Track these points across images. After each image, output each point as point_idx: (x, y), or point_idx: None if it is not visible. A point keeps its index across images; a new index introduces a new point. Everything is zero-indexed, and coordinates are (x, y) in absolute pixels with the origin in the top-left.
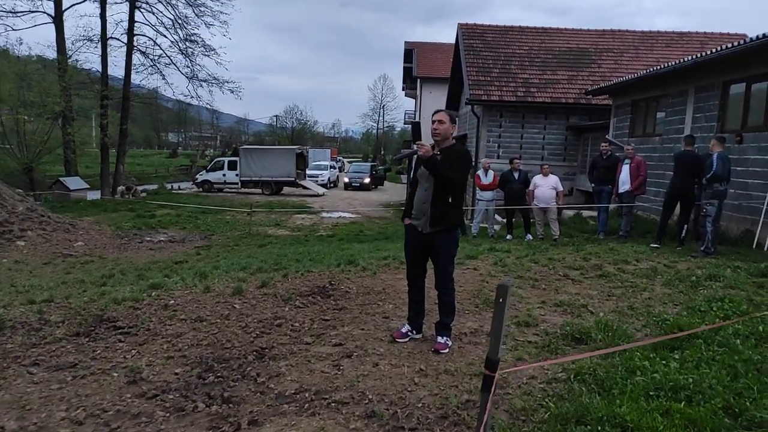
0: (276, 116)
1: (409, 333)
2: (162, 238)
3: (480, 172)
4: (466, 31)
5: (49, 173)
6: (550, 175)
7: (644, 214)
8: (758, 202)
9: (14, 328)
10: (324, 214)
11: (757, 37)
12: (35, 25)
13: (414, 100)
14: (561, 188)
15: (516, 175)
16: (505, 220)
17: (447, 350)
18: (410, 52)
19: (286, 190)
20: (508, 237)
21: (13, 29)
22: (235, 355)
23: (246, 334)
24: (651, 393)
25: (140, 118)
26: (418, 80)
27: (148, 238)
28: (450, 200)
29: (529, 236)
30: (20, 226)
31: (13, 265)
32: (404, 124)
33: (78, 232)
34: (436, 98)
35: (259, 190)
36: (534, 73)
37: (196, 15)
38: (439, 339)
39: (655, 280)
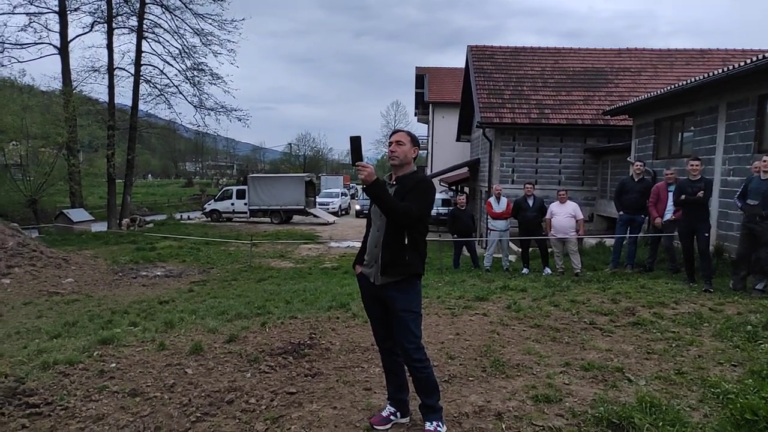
0: (290, 144)
1: (392, 416)
2: (158, 273)
3: (492, 200)
4: (476, 53)
5: (60, 204)
6: (568, 201)
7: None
8: None
9: None
10: (332, 244)
11: None
12: (41, 57)
13: (426, 126)
14: (581, 216)
15: (530, 201)
16: (520, 251)
17: None
18: (422, 77)
19: (295, 218)
20: (525, 270)
21: (19, 61)
22: None
23: (184, 417)
24: None
25: (158, 149)
26: (430, 105)
27: (144, 273)
28: (406, 242)
29: (548, 270)
30: (7, 262)
31: None
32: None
33: (70, 268)
34: (448, 123)
35: (268, 220)
36: (548, 94)
37: (204, 44)
38: (428, 426)
39: (702, 330)
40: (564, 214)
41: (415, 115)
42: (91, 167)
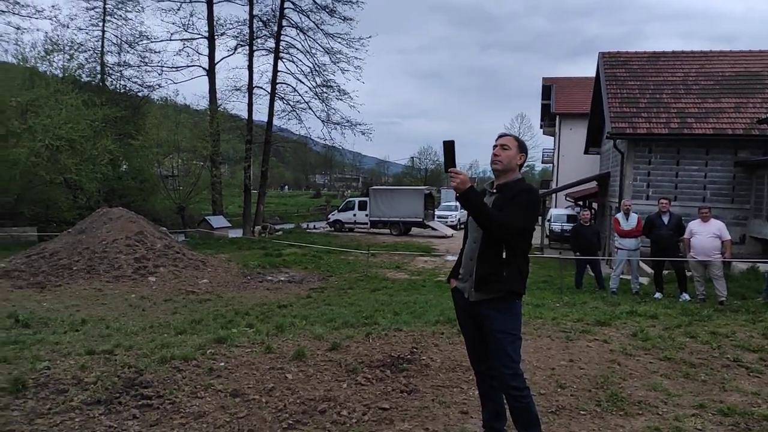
0: (412, 158)
1: None
2: (282, 278)
3: (620, 216)
4: (608, 60)
5: (204, 211)
6: (711, 220)
7: None
8: None
9: (41, 387)
10: (448, 257)
11: None
12: (192, 78)
13: (552, 138)
14: (727, 236)
15: (665, 218)
16: (652, 273)
17: None
18: (548, 88)
19: (414, 231)
20: (657, 295)
21: (174, 82)
22: None
23: (276, 423)
24: None
25: (291, 162)
26: (557, 117)
27: (269, 278)
28: (504, 256)
29: (685, 296)
30: (155, 262)
31: (137, 301)
32: (542, 162)
33: (207, 270)
34: (576, 135)
35: (387, 231)
36: (691, 101)
37: (333, 62)
38: None
39: None
40: (707, 234)
41: (541, 127)
42: (231, 178)
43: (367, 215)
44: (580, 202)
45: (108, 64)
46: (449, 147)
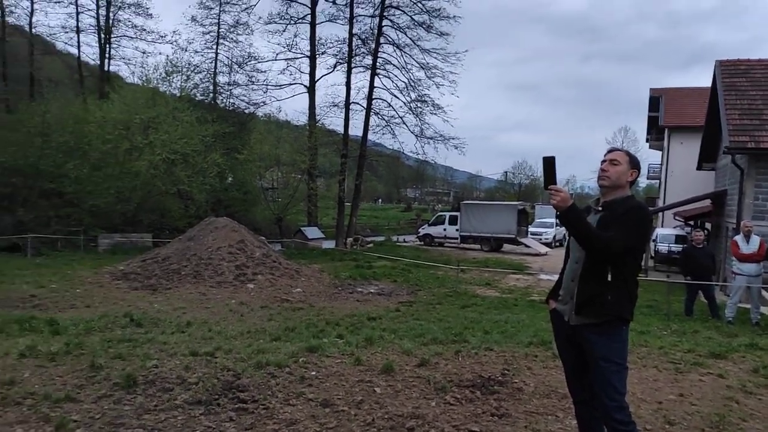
0: (506, 172)
1: None
2: (372, 290)
3: (739, 238)
4: (726, 68)
5: (299, 222)
6: None
7: None
8: None
9: (150, 384)
10: (542, 276)
11: None
12: (294, 95)
13: (660, 153)
14: None
15: None
16: None
17: None
18: (656, 99)
19: (506, 247)
20: None
21: (277, 99)
22: None
23: None
24: None
25: (384, 176)
26: (666, 130)
27: (360, 289)
28: (609, 278)
29: None
30: (254, 270)
31: (236, 306)
32: (647, 178)
33: (300, 279)
34: (687, 149)
35: (478, 246)
36: None
37: (428, 77)
38: None
39: None
40: None
41: (647, 140)
42: (327, 191)
43: (457, 230)
44: (691, 222)
45: (219, 84)
46: (550, 163)
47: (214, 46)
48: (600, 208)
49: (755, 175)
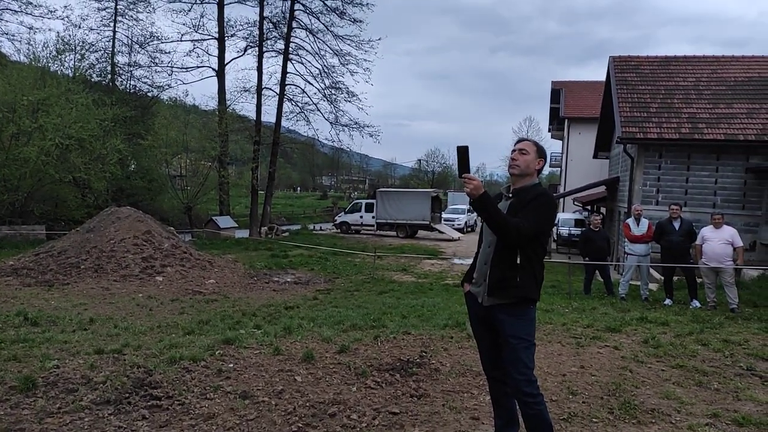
0: (419, 160)
1: None
2: (288, 279)
3: (630, 221)
4: (618, 64)
5: (211, 212)
6: (724, 226)
7: None
8: None
9: (51, 385)
10: (455, 261)
11: None
12: (201, 79)
13: (561, 142)
14: (740, 243)
15: (676, 224)
16: (662, 279)
17: None
18: (558, 92)
19: (421, 233)
20: (667, 302)
21: (184, 83)
22: None
23: (286, 426)
24: None
25: (299, 163)
26: (566, 121)
27: (276, 279)
28: (518, 261)
29: (696, 303)
30: (162, 261)
31: (144, 300)
32: (550, 166)
33: (213, 270)
34: (585, 139)
35: (394, 233)
36: (703, 107)
37: (342, 64)
38: None
39: None
40: (719, 240)
41: (549, 131)
42: (239, 179)
43: (373, 217)
44: (588, 207)
45: (118, 65)
46: (463, 152)
47: (112, 24)
48: (510, 195)
49: (644, 163)
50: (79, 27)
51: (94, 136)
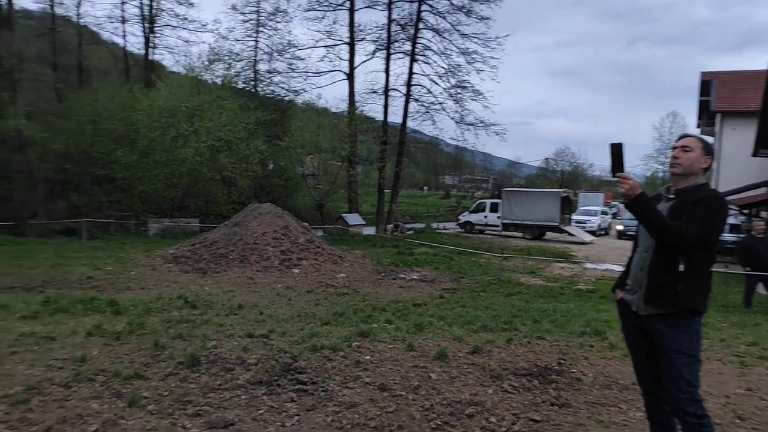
0: (547, 159)
1: None
2: (414, 277)
3: None
4: None
5: (340, 209)
6: None
7: None
8: None
9: (212, 364)
10: (588, 265)
11: None
12: (333, 82)
13: (711, 139)
14: None
15: None
16: None
17: None
18: (708, 83)
19: (549, 235)
20: None
21: (317, 87)
22: None
23: (425, 422)
24: None
25: (422, 163)
26: (718, 115)
27: (402, 276)
28: (681, 268)
29: None
30: (298, 255)
31: (283, 290)
32: None
33: (344, 265)
34: (741, 135)
35: (520, 234)
36: None
37: (468, 62)
38: None
39: None
40: None
41: (698, 126)
42: (366, 178)
43: (499, 217)
44: (746, 211)
45: (260, 72)
46: (617, 150)
47: (254, 34)
48: (671, 196)
49: None
50: (227, 38)
51: (239, 138)
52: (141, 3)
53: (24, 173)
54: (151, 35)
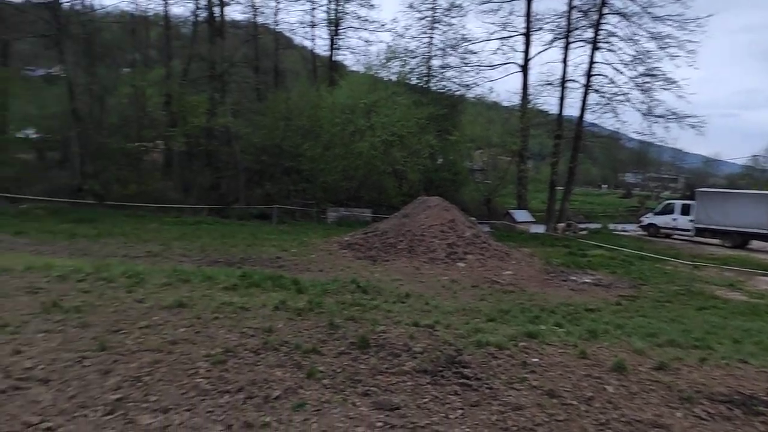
0: (755, 156)
1: None
2: (587, 280)
3: None
4: None
5: (508, 205)
6: None
7: None
8: None
9: (380, 347)
10: None
11: None
12: (506, 75)
13: None
14: None
15: None
16: None
17: None
18: None
19: (754, 244)
20: None
21: (489, 81)
22: None
23: None
24: None
25: (600, 159)
26: None
27: (573, 278)
28: None
29: None
30: (464, 249)
31: (448, 283)
32: None
33: (510, 262)
34: None
35: (716, 241)
36: None
37: (659, 48)
38: None
39: None
40: None
41: None
42: (537, 174)
43: (691, 221)
44: None
45: (433, 67)
46: None
47: (429, 31)
48: None
49: None
50: (403, 36)
51: (411, 132)
52: (328, 8)
53: (230, 164)
54: (335, 37)
